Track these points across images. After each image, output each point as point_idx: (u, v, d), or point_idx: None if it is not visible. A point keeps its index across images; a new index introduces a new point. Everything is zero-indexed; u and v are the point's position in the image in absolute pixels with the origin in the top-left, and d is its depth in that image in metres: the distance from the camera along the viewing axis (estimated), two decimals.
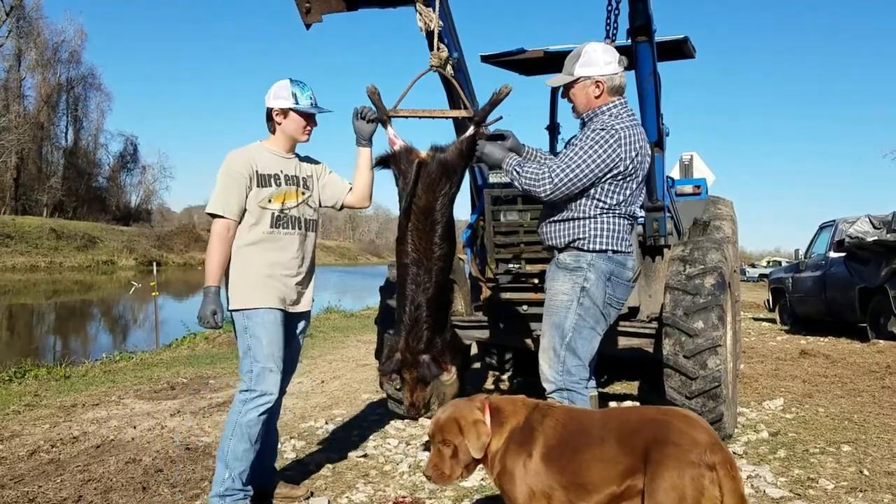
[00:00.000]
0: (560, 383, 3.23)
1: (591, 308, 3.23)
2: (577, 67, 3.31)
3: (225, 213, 3.32)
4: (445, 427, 2.50)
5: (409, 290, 3.21)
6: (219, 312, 3.29)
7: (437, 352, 3.26)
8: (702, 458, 2.09)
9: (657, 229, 5.44)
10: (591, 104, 3.33)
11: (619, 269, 3.28)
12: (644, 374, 6.59)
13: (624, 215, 3.27)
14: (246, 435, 3.30)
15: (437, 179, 3.22)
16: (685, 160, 8.33)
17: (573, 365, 3.22)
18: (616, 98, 3.31)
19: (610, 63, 3.27)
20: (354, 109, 3.52)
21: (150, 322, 14.49)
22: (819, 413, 5.32)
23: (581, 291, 3.22)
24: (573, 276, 3.25)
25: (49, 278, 36.78)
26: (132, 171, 69.30)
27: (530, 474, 2.37)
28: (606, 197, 3.21)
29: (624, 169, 3.17)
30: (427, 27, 3.53)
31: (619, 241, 3.26)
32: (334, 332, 11.85)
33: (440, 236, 3.21)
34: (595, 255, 3.23)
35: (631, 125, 3.23)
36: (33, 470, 4.22)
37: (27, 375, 7.50)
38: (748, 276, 37.52)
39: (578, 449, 2.33)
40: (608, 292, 3.26)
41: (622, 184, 3.21)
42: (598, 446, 2.30)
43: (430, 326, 3.22)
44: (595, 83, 3.28)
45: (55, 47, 58.60)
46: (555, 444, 2.39)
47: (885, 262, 9.26)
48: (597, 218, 3.22)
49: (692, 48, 5.37)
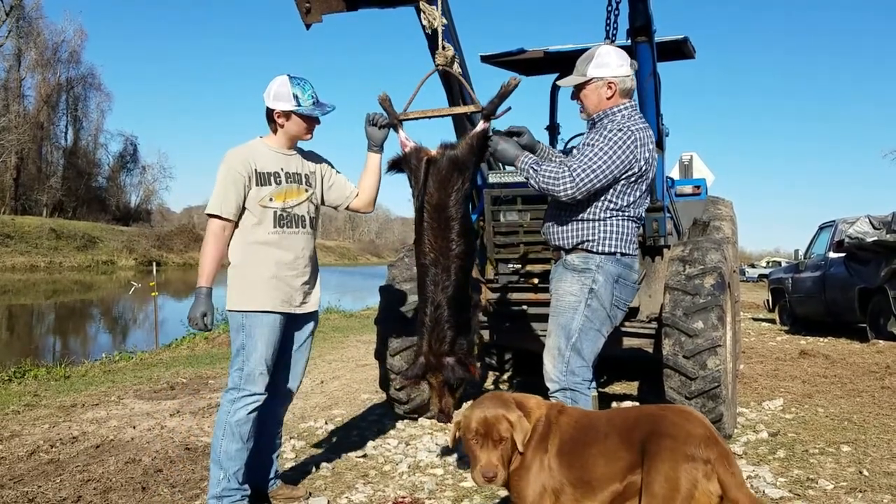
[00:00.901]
0: (564, 383, 3.23)
1: (598, 310, 3.23)
2: (591, 68, 3.31)
3: (221, 213, 3.29)
4: (496, 423, 2.42)
5: (429, 291, 3.16)
6: (209, 314, 3.25)
7: (462, 354, 3.19)
8: (696, 452, 2.10)
9: (657, 229, 5.44)
10: (601, 105, 3.33)
11: (627, 271, 3.29)
12: (644, 375, 6.59)
13: (632, 218, 3.29)
14: (237, 434, 3.29)
15: (448, 176, 3.20)
16: (685, 160, 8.33)
17: (577, 366, 3.23)
18: (626, 100, 3.32)
19: (622, 66, 3.29)
20: (367, 116, 3.51)
21: (149, 322, 14.49)
22: (818, 413, 5.32)
23: (589, 293, 3.23)
24: (581, 277, 3.25)
25: (49, 278, 36.77)
26: (132, 171, 69.33)
27: (545, 471, 2.38)
28: (617, 198, 3.21)
29: (638, 170, 3.18)
30: (431, 25, 3.52)
31: (627, 243, 3.27)
32: (334, 333, 11.85)
33: (457, 233, 3.18)
34: (604, 258, 3.23)
35: (644, 127, 3.24)
36: (33, 470, 4.22)
37: (27, 375, 7.51)
38: (748, 276, 37.52)
39: (587, 444, 2.36)
40: (615, 294, 3.27)
41: (634, 185, 3.22)
42: (602, 442, 2.33)
43: (453, 327, 3.16)
44: (608, 84, 3.28)
45: (55, 47, 58.63)
46: (567, 441, 2.41)
47: (885, 263, 9.26)
48: (607, 220, 3.23)
49: (692, 48, 5.37)
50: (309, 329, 3.60)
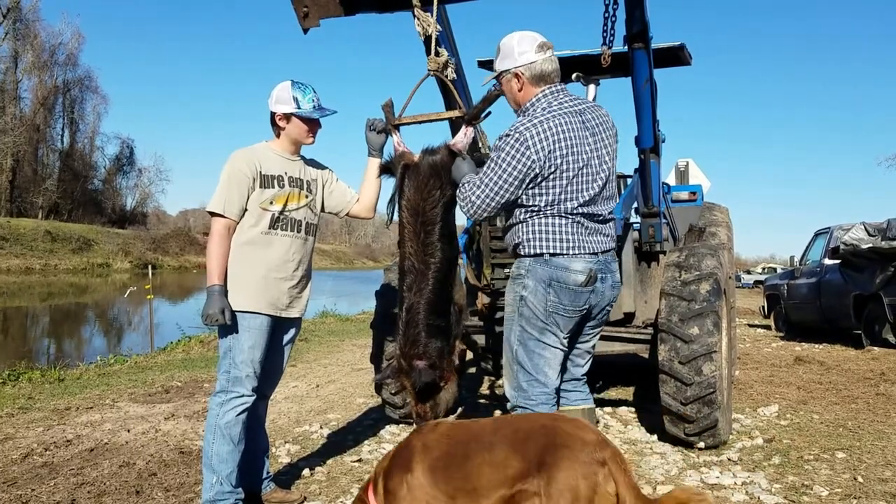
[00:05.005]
0: (514, 399, 3.06)
1: (531, 318, 2.98)
2: (496, 62, 3.11)
3: (225, 212, 3.30)
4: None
5: (406, 295, 3.17)
6: (227, 310, 3.24)
7: (435, 358, 3.16)
8: (592, 456, 2.18)
9: (653, 235, 5.46)
10: (518, 100, 3.10)
11: (561, 272, 2.94)
12: (639, 380, 6.60)
13: (558, 214, 2.95)
14: (227, 436, 3.28)
15: (427, 181, 3.20)
16: (681, 167, 8.37)
17: (524, 381, 3.01)
18: (541, 88, 3.04)
19: (525, 52, 3.01)
20: (367, 121, 3.53)
21: (144, 325, 14.46)
22: (814, 420, 5.32)
23: (520, 301, 3.00)
24: (514, 284, 3.06)
25: (44, 281, 36.68)
26: (128, 174, 69.30)
27: (413, 488, 2.41)
28: (530, 201, 2.96)
29: (540, 170, 2.89)
30: (425, 32, 3.53)
31: (555, 242, 2.95)
32: (330, 336, 11.84)
33: (435, 239, 3.18)
34: (532, 260, 2.99)
35: (542, 120, 2.91)
36: (26, 473, 4.20)
37: (21, 378, 7.48)
38: (743, 282, 37.57)
39: (468, 456, 2.38)
40: (550, 299, 2.95)
41: (544, 184, 2.92)
42: (487, 451, 2.35)
43: (426, 331, 3.14)
44: (514, 76, 3.05)
45: (52, 49, 58.64)
46: (440, 456, 2.43)
47: (880, 270, 9.29)
48: (527, 221, 2.99)
49: (688, 55, 5.39)
50: (290, 335, 3.60)
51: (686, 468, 4.11)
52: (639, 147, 5.07)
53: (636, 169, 5.56)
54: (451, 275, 3.33)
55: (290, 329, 3.58)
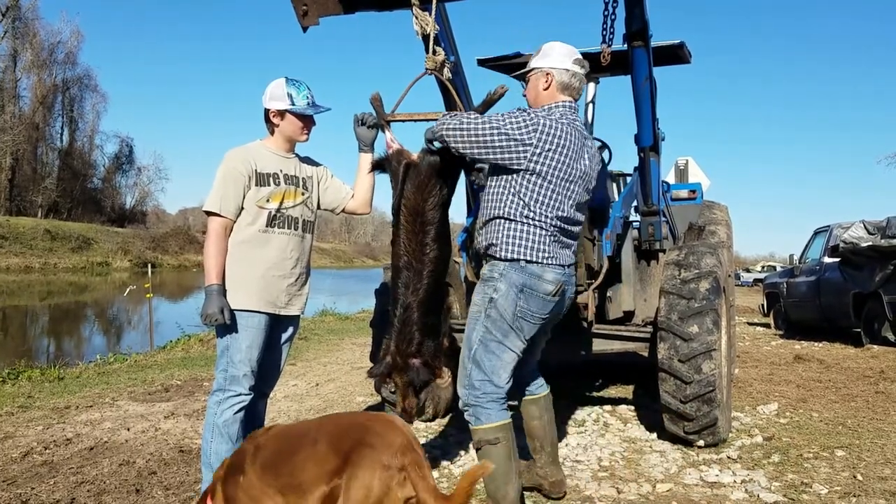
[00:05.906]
0: (464, 397, 3.13)
1: (498, 320, 3.06)
2: (533, 60, 3.25)
3: (222, 211, 3.29)
4: None
5: (400, 293, 3.19)
6: (226, 309, 3.24)
7: (428, 356, 3.20)
8: (392, 461, 2.27)
9: (652, 233, 5.46)
10: (539, 99, 3.20)
11: (534, 280, 3.05)
12: (639, 378, 6.60)
13: (536, 223, 3.04)
14: (225, 435, 3.28)
15: (427, 181, 3.21)
16: (680, 165, 8.37)
17: (477, 379, 3.08)
18: (563, 97, 3.17)
19: (564, 59, 3.16)
20: (355, 116, 3.52)
21: (144, 324, 14.45)
22: (813, 418, 5.33)
23: (489, 303, 3.07)
24: (484, 286, 3.12)
25: (43, 279, 36.65)
26: (127, 173, 69.07)
27: (245, 488, 2.49)
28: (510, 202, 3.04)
29: (527, 159, 2.96)
30: (423, 31, 3.52)
31: (532, 250, 3.04)
32: (329, 335, 11.84)
33: (432, 238, 3.19)
34: (507, 265, 3.06)
35: (557, 120, 3.02)
36: (26, 472, 4.20)
37: (20, 377, 7.47)
38: (743, 280, 37.62)
39: (294, 452, 2.47)
40: (520, 305, 3.05)
41: (526, 183, 3.01)
42: (311, 447, 2.43)
43: (421, 330, 3.17)
44: (545, 74, 3.17)
45: (51, 48, 58.43)
46: (270, 454, 2.53)
47: (880, 268, 9.30)
48: (505, 224, 3.06)
49: (688, 53, 5.39)
50: (289, 333, 3.59)
51: (685, 466, 4.12)
52: (638, 145, 5.06)
53: (636, 167, 5.55)
54: (445, 274, 3.36)
55: (288, 327, 3.58)
